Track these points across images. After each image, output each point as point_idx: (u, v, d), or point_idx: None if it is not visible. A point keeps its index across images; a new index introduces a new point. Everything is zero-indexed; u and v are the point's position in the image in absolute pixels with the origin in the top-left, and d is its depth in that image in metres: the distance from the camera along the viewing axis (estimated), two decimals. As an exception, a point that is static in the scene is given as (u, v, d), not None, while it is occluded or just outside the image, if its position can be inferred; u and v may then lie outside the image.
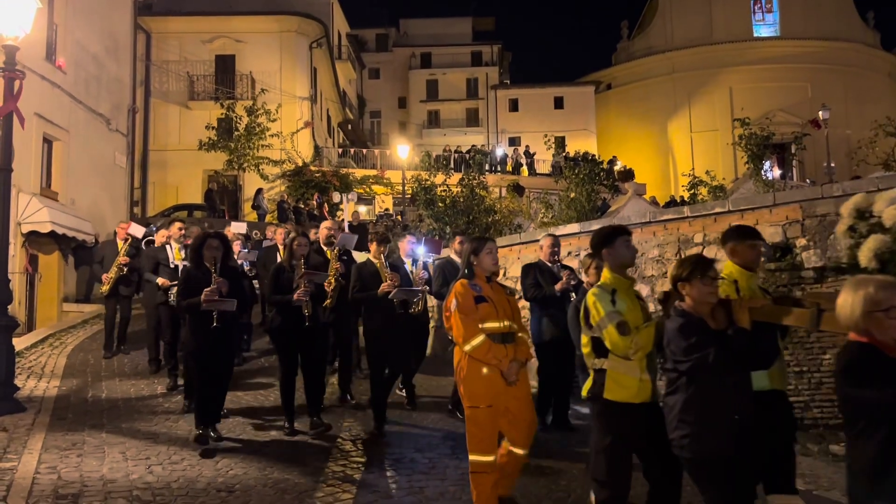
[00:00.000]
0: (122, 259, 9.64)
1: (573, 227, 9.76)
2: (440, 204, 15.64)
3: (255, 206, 23.72)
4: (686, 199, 18.51)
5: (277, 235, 10.61)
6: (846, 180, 13.50)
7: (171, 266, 8.35)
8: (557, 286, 6.55)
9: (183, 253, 8.42)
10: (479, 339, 4.27)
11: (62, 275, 16.94)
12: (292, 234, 6.80)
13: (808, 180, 30.44)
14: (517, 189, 19.85)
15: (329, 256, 7.51)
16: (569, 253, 9.13)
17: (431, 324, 9.80)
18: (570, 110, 44.03)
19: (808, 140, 19.93)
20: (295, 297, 6.23)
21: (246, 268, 9.75)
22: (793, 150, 23.51)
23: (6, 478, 5.10)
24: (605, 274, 3.94)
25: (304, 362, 6.48)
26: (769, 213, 7.35)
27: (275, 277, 6.56)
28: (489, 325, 4.34)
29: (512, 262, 9.89)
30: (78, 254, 16.70)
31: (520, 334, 4.48)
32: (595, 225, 9.40)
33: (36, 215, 15.34)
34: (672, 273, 3.59)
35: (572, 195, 15.49)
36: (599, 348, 3.83)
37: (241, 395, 7.74)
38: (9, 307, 7.56)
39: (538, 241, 9.77)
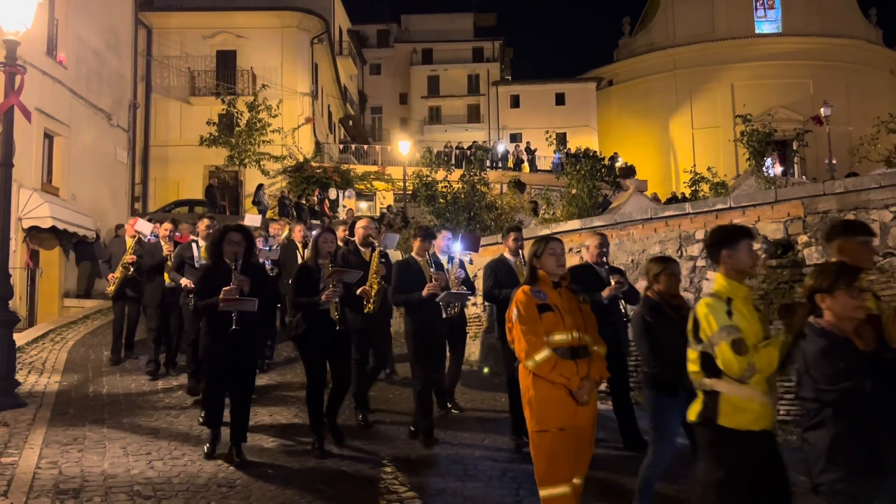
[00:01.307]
0: (129, 257, 9.00)
1: (574, 224, 9.77)
2: (441, 200, 15.61)
3: (256, 202, 23.72)
4: (687, 195, 18.44)
5: (296, 233, 10.12)
6: (847, 177, 13.47)
7: (198, 265, 7.58)
8: (605, 292, 5.84)
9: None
10: (544, 353, 3.76)
11: (63, 270, 16.95)
12: (317, 231, 6.10)
13: (802, 177, 30.36)
14: (518, 185, 19.77)
15: (366, 258, 6.86)
16: (570, 249, 9.11)
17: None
18: (572, 107, 43.96)
19: (810, 137, 19.83)
20: (322, 298, 5.60)
21: (268, 267, 8.97)
22: (794, 147, 23.50)
23: (7, 472, 5.10)
24: (720, 280, 3.43)
25: (331, 371, 5.91)
26: (771, 210, 7.35)
27: (299, 278, 5.96)
28: (556, 337, 3.82)
29: (513, 258, 9.86)
30: (79, 249, 16.70)
31: (594, 348, 3.95)
32: (596, 221, 9.38)
33: (37, 210, 15.35)
34: (808, 283, 3.13)
35: (573, 191, 15.45)
36: (710, 366, 3.30)
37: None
38: (10, 302, 7.57)
39: (539, 236, 9.81)
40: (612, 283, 5.92)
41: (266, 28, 27.49)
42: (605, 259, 6.24)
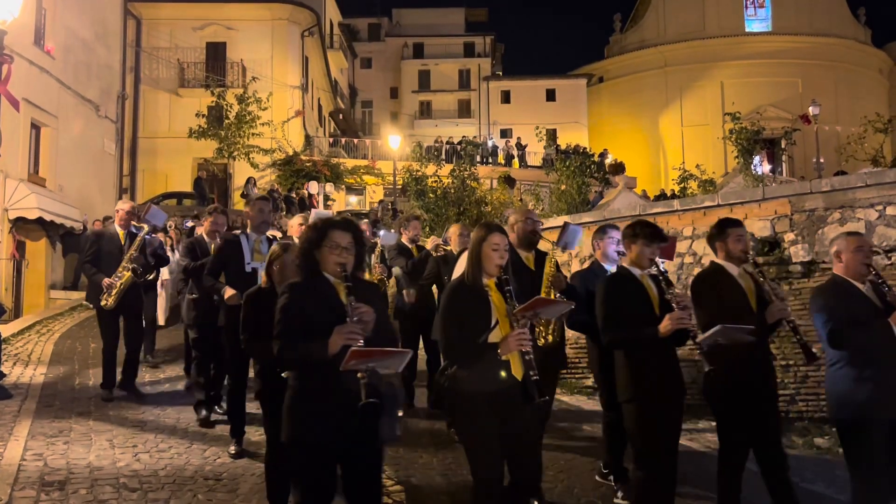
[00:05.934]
0: (135, 254, 6.87)
1: (563, 220, 9.79)
2: (431, 195, 15.65)
3: (245, 196, 23.64)
4: (676, 192, 18.54)
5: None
6: (834, 176, 13.60)
7: (248, 269, 5.45)
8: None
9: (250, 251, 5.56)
10: None
11: (50, 262, 16.86)
12: (480, 230, 3.52)
13: (785, 175, 30.56)
14: (508, 181, 19.81)
15: (530, 265, 4.67)
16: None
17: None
18: (562, 103, 44.01)
19: (798, 135, 19.99)
20: (513, 342, 3.23)
21: None
22: (783, 146, 23.68)
23: (-8, 464, 5.09)
24: None
25: (509, 463, 3.42)
26: (758, 208, 7.40)
27: (453, 307, 3.42)
28: None
29: (502, 253, 9.90)
30: (66, 241, 16.63)
31: None
32: (585, 217, 9.43)
33: (23, 201, 15.26)
34: None
35: (563, 187, 15.53)
36: None
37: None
38: (-5, 293, 7.52)
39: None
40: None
41: (256, 20, 27.37)
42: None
